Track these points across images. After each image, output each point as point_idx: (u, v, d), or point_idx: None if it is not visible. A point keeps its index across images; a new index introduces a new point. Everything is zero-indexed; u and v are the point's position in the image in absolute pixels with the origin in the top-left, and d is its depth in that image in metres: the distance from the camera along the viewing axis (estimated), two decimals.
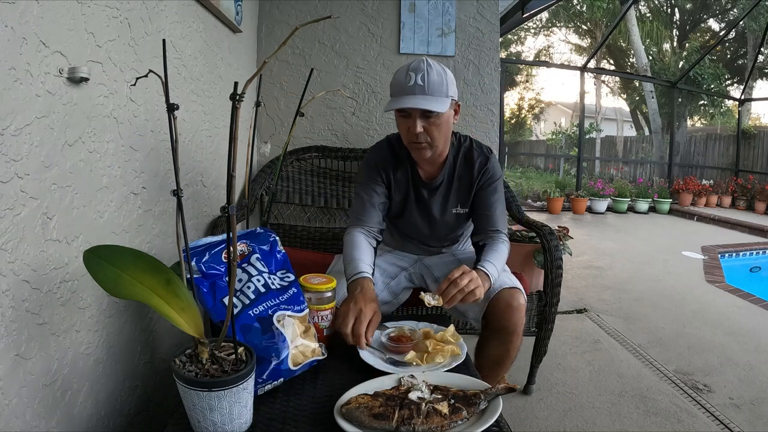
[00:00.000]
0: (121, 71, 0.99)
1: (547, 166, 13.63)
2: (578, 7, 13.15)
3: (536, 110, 17.91)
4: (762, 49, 10.00)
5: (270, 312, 0.92)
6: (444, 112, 1.26)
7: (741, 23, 10.37)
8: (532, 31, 15.73)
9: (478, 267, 1.26)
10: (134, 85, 0.99)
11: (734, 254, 4.89)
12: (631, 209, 7.55)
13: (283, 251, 1.06)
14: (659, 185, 8.17)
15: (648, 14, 12.73)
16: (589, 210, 7.30)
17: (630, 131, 15.56)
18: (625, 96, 15.51)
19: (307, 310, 0.99)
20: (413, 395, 0.82)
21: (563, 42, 18.26)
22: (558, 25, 15.15)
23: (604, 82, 15.03)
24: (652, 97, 10.59)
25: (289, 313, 0.94)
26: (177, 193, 0.73)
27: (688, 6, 13.14)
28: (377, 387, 0.87)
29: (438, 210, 1.44)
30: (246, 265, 0.98)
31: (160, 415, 1.21)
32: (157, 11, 1.14)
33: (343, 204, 2.10)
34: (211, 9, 1.48)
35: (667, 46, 13.23)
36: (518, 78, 16.05)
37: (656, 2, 13.12)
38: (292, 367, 0.90)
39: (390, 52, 2.19)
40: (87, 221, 0.91)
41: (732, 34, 11.83)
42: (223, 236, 0.96)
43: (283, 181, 2.07)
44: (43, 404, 0.81)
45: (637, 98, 13.82)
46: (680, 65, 12.07)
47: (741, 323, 2.67)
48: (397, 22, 2.17)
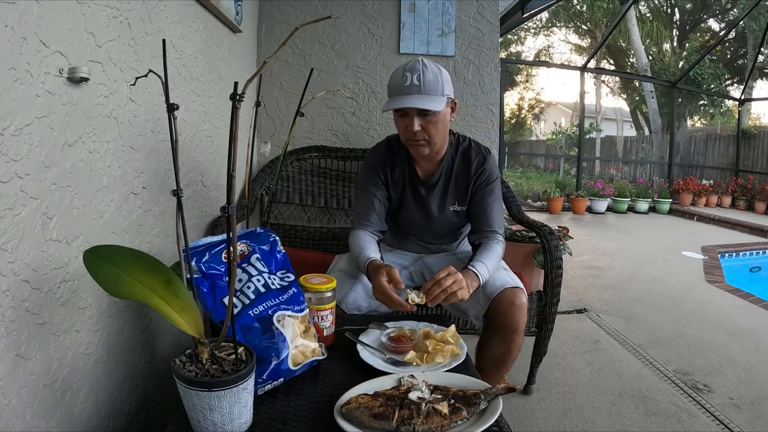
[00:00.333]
0: (121, 71, 0.99)
1: (547, 166, 13.63)
2: (578, 7, 13.15)
3: (536, 110, 17.91)
4: (762, 49, 10.00)
5: (270, 312, 0.92)
6: (440, 111, 1.28)
7: (741, 23, 10.37)
8: (532, 31, 15.74)
9: (468, 266, 1.27)
10: (134, 85, 0.99)
11: (734, 254, 4.89)
12: (631, 209, 7.56)
13: (283, 251, 1.06)
14: (659, 185, 8.17)
15: (648, 14, 12.73)
16: (589, 210, 7.30)
17: (630, 131, 15.56)
18: (625, 96, 15.51)
19: (307, 310, 0.99)
20: (413, 395, 0.82)
21: (563, 42, 18.28)
22: (558, 25, 15.15)
23: (604, 82, 15.04)
24: (652, 97, 10.59)
25: (289, 313, 0.94)
26: (177, 193, 0.73)
27: (688, 6, 13.14)
28: (377, 387, 0.87)
29: (436, 207, 1.45)
30: (246, 265, 0.98)
31: (160, 415, 1.21)
32: (157, 11, 1.14)
33: (343, 204, 2.10)
34: (211, 9, 1.48)
35: (667, 46, 13.23)
36: (518, 78, 16.05)
37: (656, 2, 13.12)
38: (292, 367, 0.90)
39: (390, 52, 2.19)
40: (87, 221, 0.91)
41: (732, 34, 11.83)
42: (223, 236, 0.96)
43: (283, 181, 2.07)
44: (43, 404, 0.81)
45: (637, 98, 13.82)
46: (680, 65, 12.07)
47: (741, 323, 2.67)
48: (397, 22, 2.17)
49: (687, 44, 12.78)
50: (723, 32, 11.63)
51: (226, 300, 0.89)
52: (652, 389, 1.89)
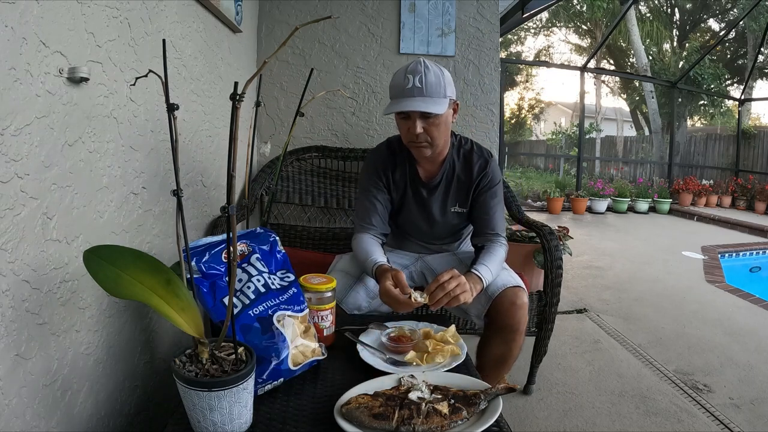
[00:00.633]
0: (121, 71, 0.99)
1: (547, 166, 13.63)
2: (578, 7, 13.15)
3: (536, 110, 17.91)
4: (762, 49, 10.00)
5: (270, 312, 0.92)
6: (443, 113, 1.27)
7: (741, 23, 10.37)
8: (532, 31, 15.74)
9: (472, 270, 1.27)
10: (134, 85, 0.99)
11: (734, 254, 4.89)
12: (631, 209, 7.55)
13: (283, 251, 1.06)
14: (659, 185, 8.17)
15: (648, 14, 12.73)
16: (589, 210, 7.30)
17: (630, 131, 15.56)
18: (625, 96, 15.51)
19: (307, 310, 0.99)
20: (413, 395, 0.82)
21: (563, 42, 18.27)
22: (558, 25, 15.15)
23: (604, 82, 15.04)
24: (652, 97, 10.59)
25: (289, 313, 0.94)
26: (177, 193, 0.73)
27: (688, 6, 13.14)
28: (377, 387, 0.87)
29: (438, 209, 1.45)
30: (246, 265, 0.98)
31: (160, 415, 1.21)
32: (157, 11, 1.14)
33: (343, 204, 2.10)
34: (211, 9, 1.48)
35: (667, 46, 13.23)
36: (518, 78, 16.05)
37: (656, 2, 13.12)
38: (292, 367, 0.90)
39: (390, 52, 2.19)
40: (87, 221, 0.91)
41: (732, 34, 11.83)
42: (223, 236, 0.96)
43: (283, 181, 2.07)
44: (43, 404, 0.81)
45: (637, 98, 13.82)
46: (680, 65, 12.07)
47: (741, 323, 2.67)
48: (397, 22, 2.17)
49: (687, 44, 12.78)
50: (723, 32, 11.63)
51: (226, 300, 0.89)
52: (652, 389, 1.89)
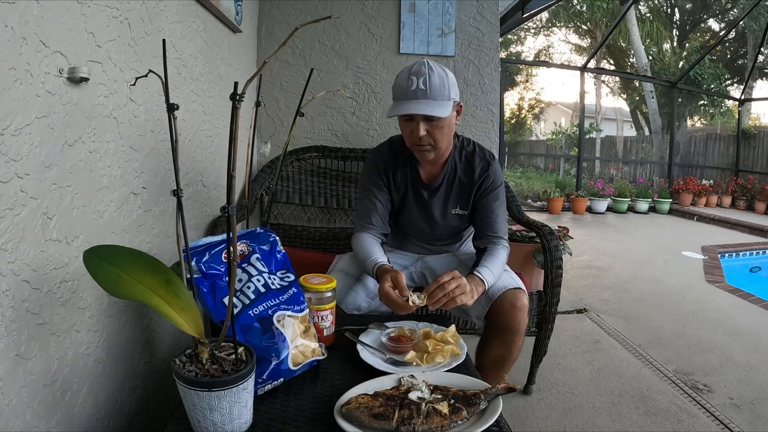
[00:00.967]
0: (121, 71, 0.99)
1: (547, 166, 13.62)
2: (578, 7, 13.15)
3: (536, 110, 17.90)
4: (762, 49, 10.00)
5: (270, 312, 0.92)
6: (446, 116, 1.26)
7: (741, 23, 10.37)
8: (532, 31, 15.74)
9: (474, 272, 1.27)
10: (134, 85, 0.99)
11: (734, 254, 4.89)
12: (631, 209, 7.55)
13: (283, 251, 1.06)
14: (659, 185, 8.17)
15: (648, 14, 12.73)
16: (589, 210, 7.30)
17: (630, 131, 15.56)
18: (625, 96, 15.51)
19: (307, 310, 0.99)
20: (413, 395, 0.82)
21: (563, 42, 18.27)
22: (558, 25, 15.15)
23: (604, 82, 15.04)
24: (652, 97, 10.59)
25: (289, 313, 0.94)
26: (177, 193, 0.73)
27: (688, 6, 13.13)
28: (377, 387, 0.87)
29: (439, 210, 1.45)
30: (246, 265, 0.98)
31: (160, 415, 1.21)
32: (157, 11, 1.14)
33: (343, 204, 2.10)
34: (211, 9, 1.48)
35: (667, 46, 13.23)
36: (518, 78, 16.04)
37: (656, 2, 13.12)
38: (292, 367, 0.90)
39: (390, 52, 2.19)
40: (87, 221, 0.91)
41: (732, 34, 11.83)
42: (223, 236, 0.96)
43: (283, 181, 2.07)
44: (43, 404, 0.81)
45: (637, 98, 13.82)
46: (680, 65, 12.07)
47: (741, 323, 2.67)
48: (397, 22, 2.17)
49: (687, 44, 12.78)
50: (723, 32, 11.63)
51: (226, 300, 0.89)
52: (652, 389, 1.89)
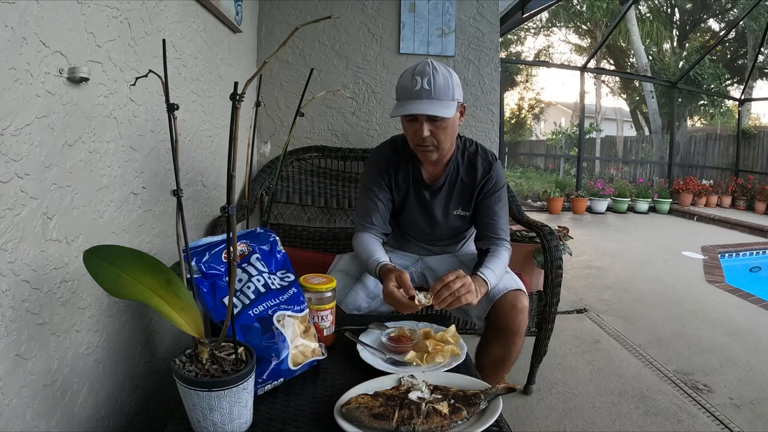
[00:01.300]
0: (121, 71, 0.99)
1: (547, 166, 13.63)
2: (578, 7, 13.15)
3: (536, 110, 17.90)
4: (762, 49, 10.00)
5: (270, 312, 0.92)
6: (450, 117, 1.26)
7: (741, 23, 10.37)
8: (532, 31, 15.74)
9: (477, 273, 1.26)
10: (134, 85, 0.99)
11: (734, 254, 4.88)
12: (631, 209, 7.55)
13: (283, 251, 1.06)
14: (659, 185, 8.17)
15: (648, 14, 12.73)
16: (589, 210, 7.30)
17: (630, 131, 15.56)
18: (625, 96, 15.51)
19: (307, 310, 0.99)
20: (413, 395, 0.82)
21: (563, 42, 18.27)
22: (558, 25, 15.15)
23: (604, 82, 15.04)
24: (652, 97, 10.59)
25: (289, 313, 0.94)
26: (177, 193, 0.73)
27: (688, 6, 13.13)
28: (377, 387, 0.87)
29: (440, 211, 1.44)
30: (246, 265, 0.98)
31: (160, 415, 1.21)
32: (157, 11, 1.14)
33: (343, 204, 2.10)
34: (211, 9, 1.48)
35: (667, 46, 13.23)
36: (518, 78, 16.04)
37: (656, 2, 13.12)
38: (292, 367, 0.90)
39: (390, 52, 2.19)
40: (87, 221, 0.91)
41: (732, 34, 11.83)
42: (223, 236, 0.96)
43: (283, 181, 2.07)
44: (43, 404, 0.81)
45: (637, 98, 13.82)
46: (680, 65, 12.07)
47: (741, 323, 2.67)
48: (397, 22, 2.17)
49: (687, 44, 12.78)
50: (723, 32, 11.63)
51: (226, 300, 0.89)
52: (652, 389, 1.89)
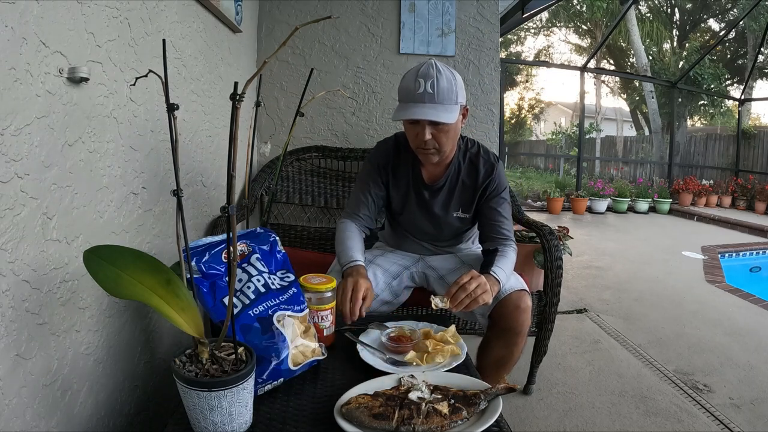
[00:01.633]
0: (121, 71, 0.99)
1: (547, 166, 13.63)
2: (578, 7, 13.15)
3: (536, 110, 17.90)
4: (762, 49, 10.00)
5: (270, 312, 0.92)
6: (453, 122, 1.25)
7: (741, 23, 10.37)
8: (532, 31, 15.74)
9: (490, 272, 1.26)
10: (134, 85, 0.99)
11: (734, 254, 4.88)
12: (631, 209, 7.55)
13: (283, 251, 1.06)
14: (659, 185, 8.16)
15: (648, 14, 12.73)
16: (589, 210, 7.30)
17: (630, 131, 15.56)
18: (625, 96, 15.51)
19: (307, 310, 0.99)
20: (413, 395, 0.82)
21: (563, 42, 18.27)
22: (558, 25, 15.15)
23: (604, 82, 15.04)
24: (652, 97, 10.59)
25: (289, 313, 0.94)
26: (177, 193, 0.73)
27: (688, 6, 13.13)
28: (377, 387, 0.87)
29: (440, 212, 1.44)
30: (246, 265, 0.98)
31: (160, 415, 1.21)
32: (157, 11, 1.14)
33: (343, 204, 2.10)
34: (211, 9, 1.48)
35: (667, 46, 13.23)
36: (518, 78, 16.04)
37: (656, 2, 13.12)
38: (292, 367, 0.90)
39: (390, 52, 2.19)
40: (87, 221, 0.91)
41: (732, 34, 11.83)
42: (223, 236, 0.96)
43: (283, 181, 2.07)
44: (43, 404, 0.81)
45: (637, 98, 13.82)
46: (680, 65, 12.07)
47: (741, 323, 2.67)
48: (397, 22, 2.17)
49: (687, 44, 12.78)
50: (723, 32, 11.63)
51: (226, 300, 0.89)
52: (652, 389, 1.89)
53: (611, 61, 14.45)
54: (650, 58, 11.79)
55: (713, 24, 13.40)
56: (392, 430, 0.77)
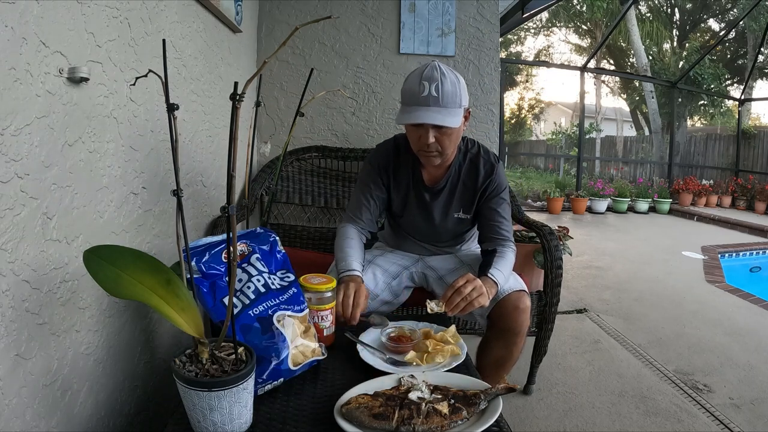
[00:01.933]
0: (121, 71, 0.99)
1: (547, 166, 13.63)
2: (578, 7, 13.15)
3: (536, 110, 17.90)
4: (762, 49, 10.00)
5: (270, 312, 0.92)
6: (457, 126, 1.25)
7: (741, 23, 10.37)
8: (532, 31, 15.74)
9: (487, 274, 1.26)
10: (134, 85, 0.99)
11: (734, 254, 4.88)
12: (631, 209, 7.55)
13: (283, 251, 1.06)
14: (659, 185, 8.16)
15: (648, 14, 12.73)
16: (589, 210, 7.30)
17: (630, 131, 15.56)
18: (625, 96, 15.51)
19: (307, 310, 0.99)
20: (413, 395, 0.82)
21: (563, 42, 18.27)
22: (558, 25, 15.15)
23: (604, 82, 15.04)
24: (652, 97, 10.59)
25: (289, 313, 0.94)
26: (177, 193, 0.73)
27: (688, 6, 13.14)
28: (377, 387, 0.87)
29: (439, 213, 1.44)
30: (246, 265, 0.98)
31: (160, 415, 1.21)
32: (157, 11, 1.14)
33: (343, 204, 2.10)
34: (211, 9, 1.48)
35: (667, 46, 13.23)
36: (518, 78, 16.04)
37: (656, 2, 13.12)
38: (292, 367, 0.90)
39: (390, 52, 2.19)
40: (87, 221, 0.91)
41: (732, 34, 11.83)
42: (223, 236, 0.96)
43: (283, 181, 2.07)
44: (43, 404, 0.81)
45: (637, 98, 13.82)
46: (680, 65, 12.07)
47: (741, 323, 2.67)
48: (397, 22, 2.17)
49: (687, 44, 12.78)
50: (723, 32, 11.63)
51: (226, 300, 0.89)
52: (652, 389, 1.90)
53: (611, 61, 14.45)
54: (650, 58, 11.79)
55: (713, 24, 13.42)
56: (392, 430, 0.77)
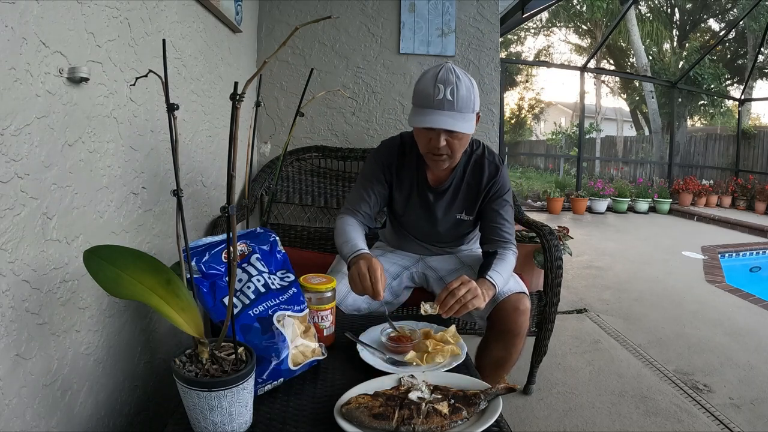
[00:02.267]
0: (121, 71, 0.99)
1: (547, 166, 13.63)
2: (578, 7, 13.15)
3: (536, 110, 17.90)
4: (762, 49, 10.00)
5: (270, 312, 0.91)
6: (471, 132, 1.25)
7: (741, 23, 10.37)
8: (532, 31, 15.74)
9: (486, 276, 1.25)
10: (134, 85, 1.00)
11: (734, 254, 4.88)
12: (631, 209, 7.55)
13: (283, 251, 1.06)
14: (659, 185, 8.16)
15: (648, 14, 12.73)
16: (589, 210, 7.30)
17: (630, 131, 15.56)
18: (625, 96, 15.51)
19: (307, 310, 0.98)
20: (413, 395, 0.82)
21: (563, 42, 18.28)
22: (558, 25, 15.15)
23: (604, 82, 15.04)
24: (652, 97, 10.59)
25: (289, 313, 0.94)
26: (177, 193, 0.73)
27: (688, 6, 13.14)
28: (377, 387, 0.87)
29: (442, 214, 1.44)
30: (246, 265, 0.98)
31: (160, 415, 1.21)
32: (157, 11, 1.14)
33: (343, 204, 2.10)
34: (211, 9, 1.48)
35: (667, 46, 13.23)
36: (518, 78, 16.04)
37: (656, 2, 13.12)
38: (292, 367, 0.90)
39: (390, 52, 2.19)
40: (87, 221, 0.91)
41: (732, 34, 11.83)
42: (223, 236, 0.96)
43: (283, 181, 2.07)
44: (43, 404, 0.81)
45: (637, 98, 13.82)
46: (680, 65, 12.07)
47: (741, 323, 2.67)
48: (397, 22, 2.17)
49: (687, 44, 12.79)
50: (723, 32, 11.63)
51: (226, 300, 0.89)
52: (652, 389, 1.89)
53: (611, 61, 14.45)
54: (650, 58, 11.79)
55: (713, 24, 13.43)
56: (392, 430, 0.77)
